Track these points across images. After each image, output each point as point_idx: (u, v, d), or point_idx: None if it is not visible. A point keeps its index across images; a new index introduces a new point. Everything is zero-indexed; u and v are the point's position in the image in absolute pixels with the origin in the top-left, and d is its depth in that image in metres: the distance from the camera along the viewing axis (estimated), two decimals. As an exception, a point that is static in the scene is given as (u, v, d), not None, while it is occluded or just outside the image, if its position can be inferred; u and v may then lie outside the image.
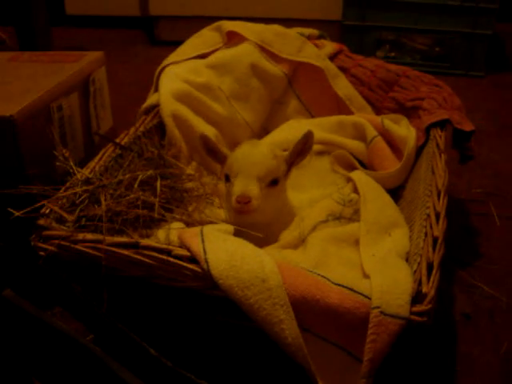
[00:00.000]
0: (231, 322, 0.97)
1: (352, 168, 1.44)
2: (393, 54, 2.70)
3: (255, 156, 1.18)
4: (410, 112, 1.56)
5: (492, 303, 1.35)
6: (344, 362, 0.91)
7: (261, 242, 1.13)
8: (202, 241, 0.95)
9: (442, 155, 1.27)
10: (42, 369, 0.98)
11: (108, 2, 3.03)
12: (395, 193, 1.40)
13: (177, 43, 1.70)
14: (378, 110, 1.64)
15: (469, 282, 1.41)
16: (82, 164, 1.20)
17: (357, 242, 1.14)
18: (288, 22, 2.01)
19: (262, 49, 1.61)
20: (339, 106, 1.63)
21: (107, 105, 1.69)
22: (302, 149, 1.22)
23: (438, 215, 1.04)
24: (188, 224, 1.14)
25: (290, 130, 1.50)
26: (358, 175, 1.31)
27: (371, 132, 1.46)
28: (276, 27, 1.67)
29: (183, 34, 1.82)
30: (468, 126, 1.44)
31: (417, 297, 0.89)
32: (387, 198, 1.27)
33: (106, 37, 3.08)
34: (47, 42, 2.36)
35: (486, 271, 1.45)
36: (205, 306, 0.98)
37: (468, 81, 2.62)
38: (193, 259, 0.93)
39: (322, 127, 1.50)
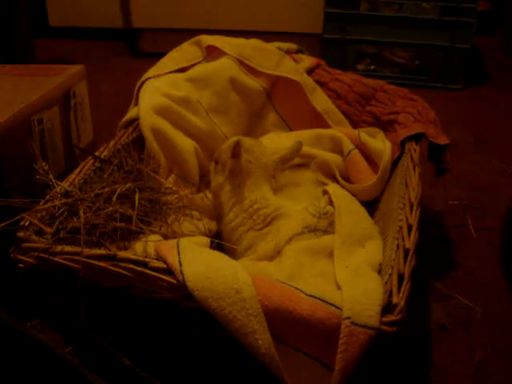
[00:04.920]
0: (206, 332, 0.99)
1: (332, 177, 1.47)
2: (373, 67, 2.73)
3: None
4: (386, 126, 1.58)
5: (467, 313, 1.37)
6: (316, 372, 0.93)
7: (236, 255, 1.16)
8: (178, 253, 0.96)
9: (416, 168, 1.29)
10: (20, 380, 0.98)
11: (91, 14, 3.03)
12: (371, 205, 1.43)
13: (159, 55, 1.72)
14: (355, 124, 1.66)
15: (445, 293, 1.43)
16: (62, 177, 1.21)
17: (331, 254, 1.16)
18: (269, 35, 2.03)
19: (241, 63, 1.63)
20: (317, 120, 1.65)
21: (88, 118, 1.70)
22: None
23: (410, 228, 1.07)
24: (166, 237, 1.16)
25: (268, 144, 1.52)
26: (333, 188, 1.32)
27: (348, 145, 1.48)
28: (255, 42, 1.69)
29: (165, 47, 1.84)
30: (442, 140, 1.46)
31: (387, 307, 0.91)
32: (362, 210, 1.29)
33: (89, 48, 3.08)
34: (29, 54, 2.37)
35: (461, 282, 1.47)
36: (180, 316, 0.99)
37: (446, 94, 2.65)
38: (169, 271, 0.94)
39: (301, 140, 1.52)
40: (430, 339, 1.29)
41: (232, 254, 1.22)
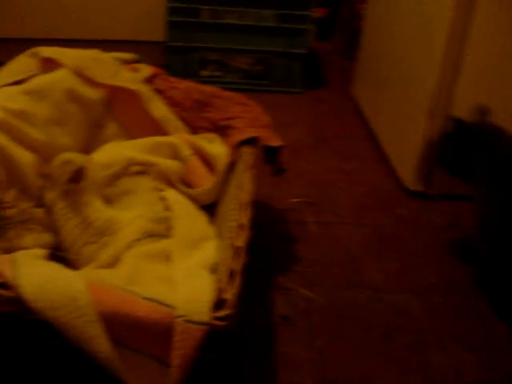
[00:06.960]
0: (52, 342, 0.99)
1: (171, 183, 1.51)
2: (217, 73, 2.80)
3: None
4: (222, 131, 1.64)
5: (308, 304, 1.46)
6: (157, 371, 0.96)
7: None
8: (15, 266, 0.97)
9: (250, 171, 1.36)
10: None
11: None
12: (210, 208, 1.48)
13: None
14: (194, 130, 1.70)
15: (287, 286, 1.50)
16: None
17: (169, 257, 1.20)
18: (112, 44, 2.04)
19: (79, 74, 1.63)
20: (156, 128, 1.68)
21: None
22: None
23: (241, 227, 1.13)
24: (8, 251, 1.15)
25: (107, 153, 1.53)
26: (171, 194, 1.37)
27: (185, 151, 1.53)
28: (92, 52, 1.70)
29: (1, 56, 1.80)
30: (275, 142, 1.54)
31: (219, 303, 0.95)
32: (198, 214, 1.34)
33: None
34: None
35: (302, 274, 1.56)
36: (23, 329, 0.99)
37: (288, 97, 2.77)
38: (5, 285, 0.94)
39: (139, 149, 1.54)
40: (275, 331, 1.36)
41: (76, 266, 1.24)
